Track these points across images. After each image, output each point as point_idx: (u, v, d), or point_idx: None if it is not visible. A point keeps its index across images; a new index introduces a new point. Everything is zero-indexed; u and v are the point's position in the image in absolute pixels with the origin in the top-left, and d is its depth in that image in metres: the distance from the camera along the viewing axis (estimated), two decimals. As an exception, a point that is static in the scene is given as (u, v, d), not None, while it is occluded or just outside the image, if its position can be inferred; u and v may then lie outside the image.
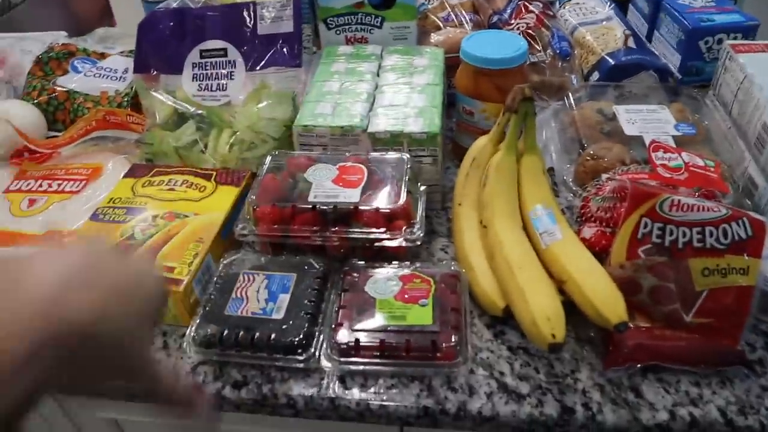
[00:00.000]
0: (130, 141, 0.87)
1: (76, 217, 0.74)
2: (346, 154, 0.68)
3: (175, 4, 0.79)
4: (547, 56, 0.84)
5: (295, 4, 0.75)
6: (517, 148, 0.65)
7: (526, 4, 0.94)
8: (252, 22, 0.76)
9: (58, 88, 0.95)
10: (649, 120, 0.75)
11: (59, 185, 0.80)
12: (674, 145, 0.71)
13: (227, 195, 0.70)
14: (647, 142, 0.69)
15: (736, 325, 0.57)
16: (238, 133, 0.74)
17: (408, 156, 0.67)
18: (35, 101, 0.94)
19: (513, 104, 0.64)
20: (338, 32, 0.85)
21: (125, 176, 0.76)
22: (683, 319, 0.57)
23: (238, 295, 0.60)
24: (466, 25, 0.90)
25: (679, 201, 0.57)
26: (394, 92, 0.74)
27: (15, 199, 0.78)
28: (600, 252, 0.60)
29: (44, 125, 0.92)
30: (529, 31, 0.87)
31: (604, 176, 0.66)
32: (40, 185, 0.80)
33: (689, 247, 0.57)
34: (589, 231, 0.63)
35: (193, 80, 0.77)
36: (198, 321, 0.59)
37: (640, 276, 0.57)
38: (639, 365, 0.56)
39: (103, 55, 1.00)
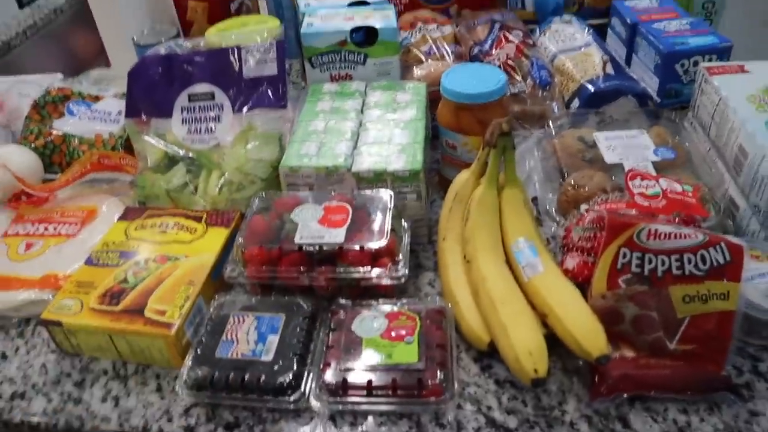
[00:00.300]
0: (124, 182, 0.89)
1: (72, 261, 0.75)
2: (332, 193, 0.70)
3: (163, 50, 0.81)
4: (528, 86, 0.86)
5: (279, 47, 0.77)
6: (498, 182, 0.67)
7: (506, 34, 0.96)
8: (238, 65, 0.78)
9: (54, 132, 0.97)
10: (628, 146, 0.77)
11: (55, 228, 0.81)
12: (654, 171, 0.72)
13: (217, 237, 0.72)
14: (627, 169, 0.70)
15: (720, 351, 0.58)
16: (226, 175, 0.75)
17: (392, 193, 0.69)
18: (32, 145, 0.96)
19: (492, 139, 0.66)
20: (323, 70, 0.87)
21: (119, 219, 0.78)
22: (667, 347, 0.58)
23: (229, 337, 0.61)
24: (447, 57, 0.92)
25: (656, 230, 0.58)
26: (377, 129, 0.75)
27: (12, 244, 0.80)
28: (583, 282, 0.62)
29: (41, 169, 0.94)
30: (509, 62, 0.89)
31: (584, 207, 0.67)
32: (37, 229, 0.82)
33: (669, 274, 0.58)
34: (571, 261, 0.64)
35: (182, 124, 0.79)
36: (190, 363, 0.60)
37: (622, 305, 0.58)
38: (626, 395, 0.57)
39: (97, 98, 1.02)
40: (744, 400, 0.57)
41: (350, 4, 0.94)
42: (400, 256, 0.64)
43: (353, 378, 0.56)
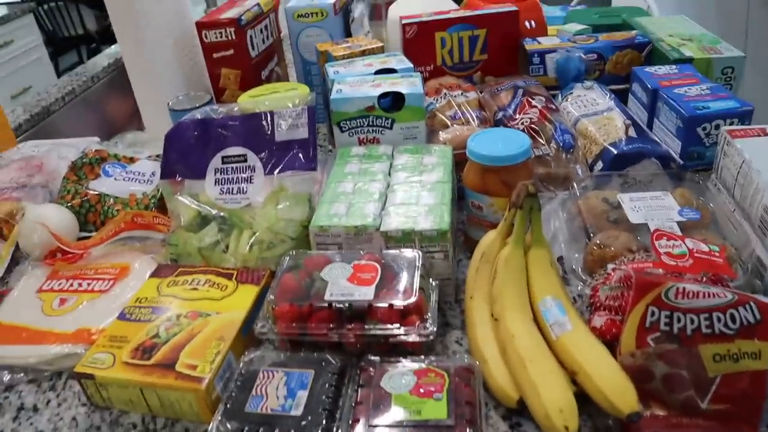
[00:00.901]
0: (156, 241, 0.91)
1: (104, 316, 0.77)
2: (361, 252, 0.71)
3: (199, 115, 0.85)
4: (551, 149, 0.88)
5: (310, 112, 0.80)
6: (524, 242, 0.68)
7: (529, 99, 0.99)
8: (270, 129, 0.81)
9: (90, 192, 1.00)
10: (653, 207, 0.78)
11: (89, 284, 0.84)
12: (679, 231, 0.73)
13: (247, 294, 0.73)
14: (652, 230, 0.71)
15: (754, 410, 0.57)
16: (257, 234, 0.77)
17: (420, 253, 0.70)
18: (69, 204, 0.99)
19: (518, 200, 0.68)
20: (351, 134, 0.90)
21: (151, 276, 0.80)
22: (699, 406, 0.57)
23: (258, 392, 0.62)
24: (472, 122, 0.95)
25: (684, 288, 0.59)
26: (405, 190, 0.77)
27: (47, 299, 0.82)
28: (611, 340, 0.62)
29: (76, 227, 0.98)
30: (533, 126, 0.91)
31: (611, 266, 0.68)
32: (71, 284, 0.84)
33: (698, 333, 0.58)
34: (599, 320, 0.64)
35: (215, 184, 0.82)
36: (219, 418, 0.60)
37: (652, 364, 0.58)
38: (657, 455, 0.56)
39: (132, 159, 1.06)
40: (780, 463, 0.56)
41: (377, 72, 0.98)
42: (429, 314, 0.65)
43: (382, 435, 0.56)
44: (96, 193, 1.00)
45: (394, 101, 0.89)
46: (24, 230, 0.94)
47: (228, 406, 0.61)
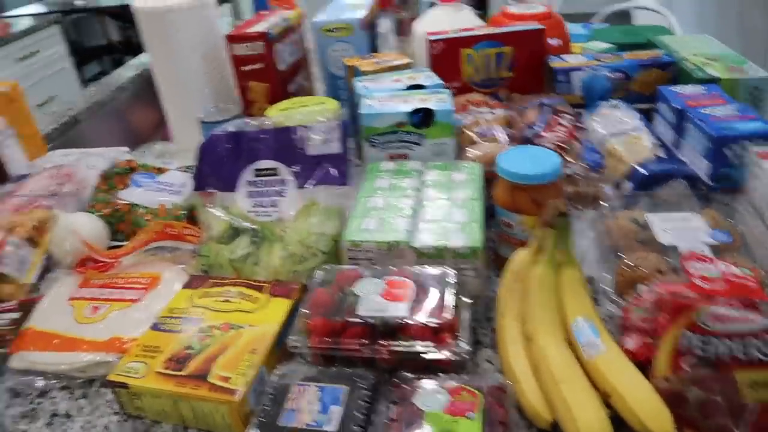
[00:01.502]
0: (186, 252, 0.92)
1: (136, 325, 0.78)
2: (392, 268, 0.72)
3: (231, 128, 0.86)
4: (580, 167, 0.89)
5: (342, 128, 0.81)
6: (555, 261, 0.68)
7: (557, 117, 0.99)
8: (302, 144, 0.82)
9: (120, 201, 1.02)
10: (682, 228, 0.78)
11: (120, 293, 0.85)
12: (710, 254, 0.73)
13: (280, 307, 0.74)
14: (682, 251, 0.71)
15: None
16: (289, 247, 0.78)
17: (452, 270, 0.70)
18: (100, 213, 1.01)
19: (549, 219, 0.68)
20: (381, 149, 0.90)
21: (183, 287, 0.80)
22: (735, 433, 0.57)
23: (291, 406, 0.62)
24: (501, 139, 0.96)
25: (718, 312, 0.59)
26: (436, 207, 0.78)
27: (79, 306, 0.83)
28: (643, 363, 0.62)
29: (107, 235, 0.99)
30: (561, 144, 0.92)
31: (642, 287, 0.68)
32: (102, 293, 0.85)
33: (734, 359, 0.58)
34: (631, 342, 0.64)
35: (247, 197, 0.83)
36: (252, 431, 0.61)
37: (686, 389, 0.58)
38: (691, 480, 0.56)
39: (160, 170, 1.07)
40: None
41: (407, 88, 0.98)
42: (462, 332, 0.65)
43: (416, 452, 0.56)
44: (126, 202, 1.01)
45: (423, 117, 0.90)
46: (56, 238, 0.95)
47: (261, 419, 0.62)
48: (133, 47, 4.74)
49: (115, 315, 0.81)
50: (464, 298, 0.70)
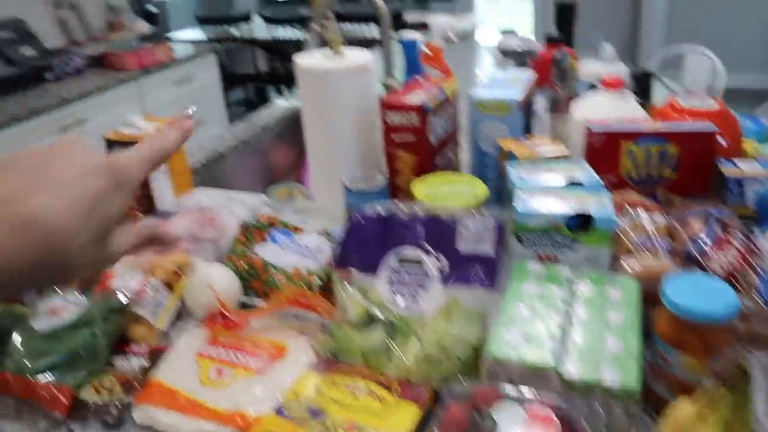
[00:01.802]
0: (314, 323, 0.91)
1: (259, 401, 0.77)
2: (534, 392, 0.66)
3: (381, 209, 0.84)
4: (754, 302, 0.79)
5: (498, 230, 0.77)
6: (728, 426, 0.60)
7: (726, 233, 0.90)
8: (453, 238, 0.79)
9: (255, 257, 1.02)
10: None
11: (245, 359, 0.84)
12: None
13: (408, 413, 0.70)
14: None
15: None
16: (425, 346, 0.74)
17: (601, 409, 0.64)
18: (235, 266, 1.02)
19: (725, 374, 0.60)
20: (530, 248, 0.85)
21: (310, 368, 0.79)
22: None
23: None
24: (660, 252, 0.88)
25: None
26: (587, 330, 0.72)
27: (204, 366, 0.84)
28: None
29: (240, 291, 1.00)
30: (734, 272, 0.83)
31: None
32: (228, 355, 0.85)
33: None
34: None
35: (387, 284, 0.80)
36: None
37: None
38: None
39: (298, 229, 1.08)
40: None
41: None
42: (609, 488, 0.58)
43: None
44: (261, 260, 1.02)
45: (581, 221, 0.84)
46: (191, 288, 0.97)
47: None
48: (277, 77, 5.00)
49: (239, 384, 0.80)
50: (614, 443, 0.63)
